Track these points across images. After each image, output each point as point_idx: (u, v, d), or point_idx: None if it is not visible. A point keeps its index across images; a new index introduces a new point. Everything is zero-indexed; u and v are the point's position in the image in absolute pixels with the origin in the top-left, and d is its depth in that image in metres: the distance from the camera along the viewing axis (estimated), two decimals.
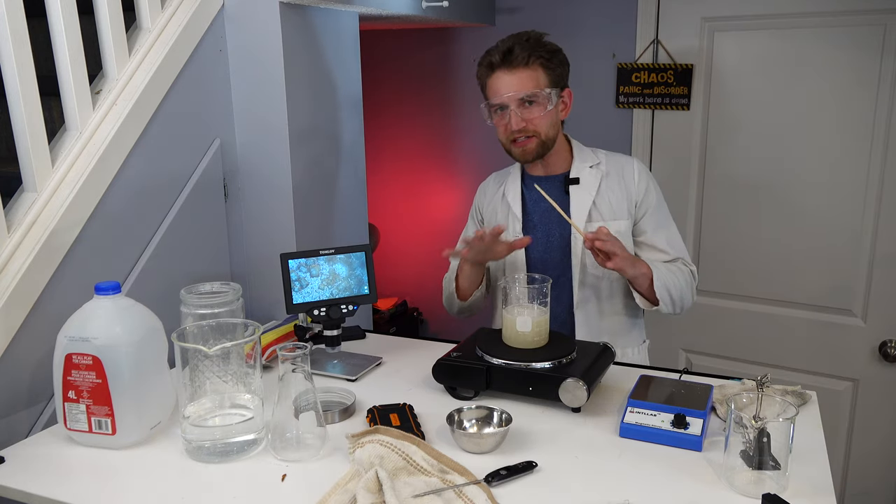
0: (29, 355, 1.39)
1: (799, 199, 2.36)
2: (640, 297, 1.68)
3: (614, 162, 1.75)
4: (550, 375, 1.35)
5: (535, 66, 1.61)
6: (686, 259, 1.75)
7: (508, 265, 1.77)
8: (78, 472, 1.20)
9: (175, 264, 1.73)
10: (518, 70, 1.60)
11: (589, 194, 1.70)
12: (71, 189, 1.45)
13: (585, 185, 1.71)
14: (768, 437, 1.07)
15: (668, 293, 1.64)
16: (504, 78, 1.62)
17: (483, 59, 1.66)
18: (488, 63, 1.64)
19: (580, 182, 1.71)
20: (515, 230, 1.75)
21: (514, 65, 1.60)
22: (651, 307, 1.69)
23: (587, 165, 1.73)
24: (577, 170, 1.73)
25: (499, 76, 1.62)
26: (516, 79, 1.61)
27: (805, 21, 2.26)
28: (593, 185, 1.71)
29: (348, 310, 1.60)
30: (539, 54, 1.61)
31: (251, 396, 1.28)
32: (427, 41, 2.94)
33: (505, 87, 1.62)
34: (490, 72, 1.64)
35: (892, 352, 2.29)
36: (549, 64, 1.63)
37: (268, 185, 1.89)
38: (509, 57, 1.61)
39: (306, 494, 1.11)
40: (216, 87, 1.82)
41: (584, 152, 1.76)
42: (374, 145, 3.09)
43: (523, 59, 1.60)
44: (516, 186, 1.78)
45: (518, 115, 1.62)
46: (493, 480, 1.12)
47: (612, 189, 1.72)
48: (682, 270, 1.71)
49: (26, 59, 1.40)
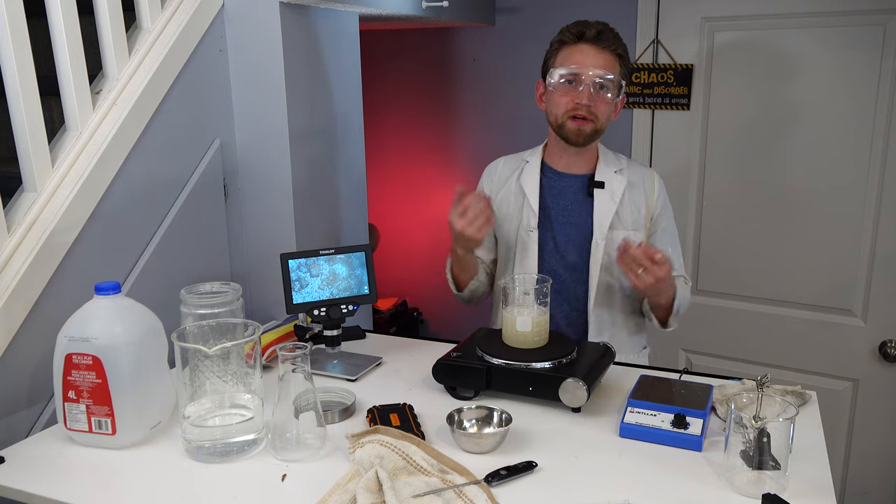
0: (29, 355, 1.39)
1: (799, 198, 2.36)
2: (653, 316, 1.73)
3: (636, 171, 1.73)
4: (550, 375, 1.35)
5: (616, 56, 1.63)
6: (686, 276, 1.77)
7: (519, 258, 1.72)
8: (78, 472, 1.20)
9: (175, 264, 1.73)
10: (606, 52, 1.61)
11: (613, 201, 1.68)
12: (71, 189, 1.45)
13: (610, 190, 1.69)
14: (768, 437, 1.07)
15: (676, 318, 1.70)
16: (591, 52, 1.61)
17: (571, 27, 1.64)
18: (578, 33, 1.63)
19: (605, 187, 1.69)
20: (530, 224, 1.70)
21: (603, 45, 1.61)
22: (662, 326, 1.73)
23: (612, 170, 1.71)
24: (602, 173, 1.70)
25: (585, 49, 1.61)
26: (602, 58, 1.61)
27: (805, 21, 2.26)
28: (618, 191, 1.69)
29: (348, 310, 1.60)
30: (623, 48, 1.64)
31: (251, 396, 1.28)
32: (427, 41, 2.94)
33: (591, 60, 1.61)
34: (577, 41, 1.63)
35: (892, 352, 2.29)
36: (624, 62, 1.65)
37: (268, 186, 1.89)
38: (602, 37, 1.61)
39: (306, 494, 1.11)
40: (216, 87, 1.82)
41: (608, 155, 1.74)
42: (374, 145, 3.09)
43: (611, 44, 1.62)
44: (535, 176, 1.73)
45: (590, 91, 1.61)
46: (493, 480, 1.12)
47: (633, 199, 1.70)
48: (684, 288, 1.72)
49: (26, 59, 1.40)
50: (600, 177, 1.70)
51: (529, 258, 1.70)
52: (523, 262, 1.71)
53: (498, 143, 2.84)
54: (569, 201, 1.71)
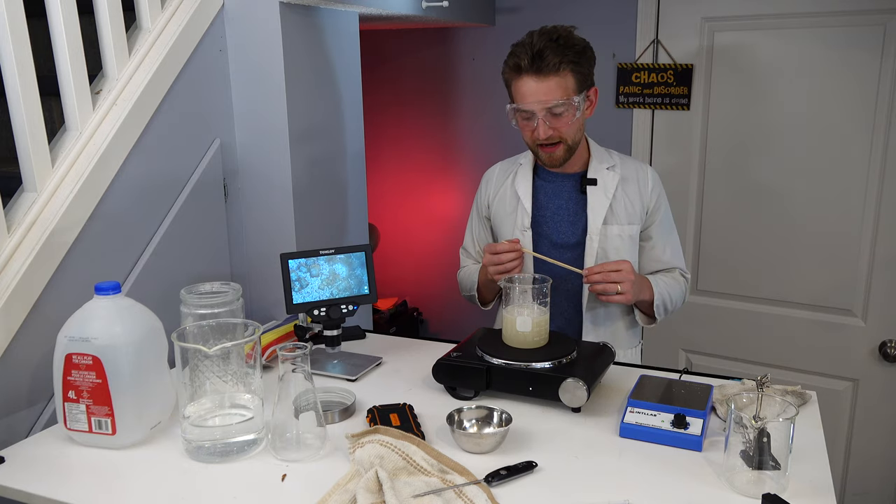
0: (29, 355, 1.38)
1: (799, 198, 2.36)
2: (639, 312, 1.74)
3: (630, 166, 1.74)
4: (550, 375, 1.35)
5: (565, 73, 1.52)
6: (683, 268, 1.78)
7: None
8: (78, 472, 1.20)
9: (175, 264, 1.73)
10: (548, 77, 1.51)
11: (606, 197, 1.69)
12: (71, 189, 1.45)
13: (603, 186, 1.69)
14: (768, 437, 1.07)
15: (663, 307, 1.69)
16: (532, 84, 1.52)
17: (510, 59, 1.56)
18: (515, 65, 1.54)
19: (597, 183, 1.69)
20: (524, 224, 1.72)
21: (543, 72, 1.51)
22: (648, 323, 1.75)
23: (604, 167, 1.71)
24: (595, 170, 1.70)
25: (527, 82, 1.53)
26: (545, 87, 1.52)
27: (805, 21, 2.26)
28: (610, 187, 1.69)
29: (348, 310, 1.60)
30: (570, 58, 1.52)
31: (251, 396, 1.28)
32: (427, 41, 2.94)
33: (533, 94, 1.53)
34: (517, 75, 1.55)
35: (892, 352, 2.29)
36: (578, 67, 1.54)
37: (268, 186, 1.89)
38: (539, 62, 1.51)
39: (306, 494, 1.11)
40: (216, 87, 1.82)
41: (600, 152, 1.74)
42: (374, 145, 3.09)
43: (554, 66, 1.50)
44: (528, 179, 1.74)
45: (546, 123, 1.55)
46: (493, 480, 1.12)
47: (627, 194, 1.70)
48: (678, 281, 1.74)
49: (26, 59, 1.40)
50: (592, 174, 1.70)
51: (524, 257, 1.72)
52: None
53: (497, 143, 2.84)
54: (563, 200, 1.72)
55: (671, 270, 1.76)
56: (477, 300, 1.85)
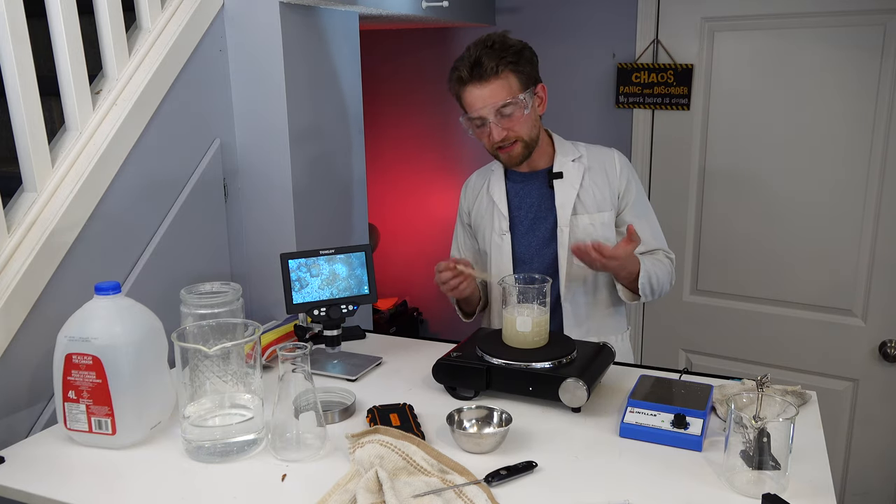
0: (29, 355, 1.38)
1: (799, 198, 2.36)
2: (622, 289, 1.73)
3: (595, 154, 1.76)
4: (550, 375, 1.35)
5: (505, 74, 1.57)
6: (665, 248, 1.78)
7: (495, 262, 1.77)
8: (78, 472, 1.20)
9: (175, 264, 1.73)
10: (489, 81, 1.57)
11: (573, 188, 1.71)
12: (71, 189, 1.45)
13: (569, 179, 1.72)
14: (768, 437, 1.07)
15: (649, 286, 1.68)
16: (476, 92, 1.59)
17: (453, 73, 1.63)
18: (458, 78, 1.61)
19: (563, 176, 1.72)
20: (502, 227, 1.75)
21: (483, 77, 1.57)
22: (632, 300, 1.73)
23: (569, 159, 1.74)
24: (560, 164, 1.73)
25: (470, 90, 1.60)
26: (488, 91, 1.57)
27: (805, 21, 2.26)
28: (576, 178, 1.72)
29: (348, 310, 1.60)
30: (507, 60, 1.57)
31: (251, 396, 1.28)
32: (427, 41, 2.94)
33: (479, 100, 1.59)
34: (461, 86, 1.61)
35: (892, 352, 2.29)
36: (518, 67, 1.59)
37: (268, 185, 1.89)
38: (478, 70, 1.57)
39: (306, 494, 1.11)
40: (216, 87, 1.82)
41: (565, 146, 1.77)
42: (374, 145, 3.09)
43: (492, 70, 1.56)
44: (500, 184, 1.78)
45: (498, 125, 1.60)
46: (493, 480, 1.12)
47: (595, 182, 1.73)
48: (664, 262, 1.74)
49: (26, 59, 1.40)
50: (558, 168, 1.73)
51: (504, 260, 1.75)
52: (499, 265, 1.76)
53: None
54: (534, 198, 1.75)
55: (654, 252, 1.76)
56: (458, 313, 1.88)
